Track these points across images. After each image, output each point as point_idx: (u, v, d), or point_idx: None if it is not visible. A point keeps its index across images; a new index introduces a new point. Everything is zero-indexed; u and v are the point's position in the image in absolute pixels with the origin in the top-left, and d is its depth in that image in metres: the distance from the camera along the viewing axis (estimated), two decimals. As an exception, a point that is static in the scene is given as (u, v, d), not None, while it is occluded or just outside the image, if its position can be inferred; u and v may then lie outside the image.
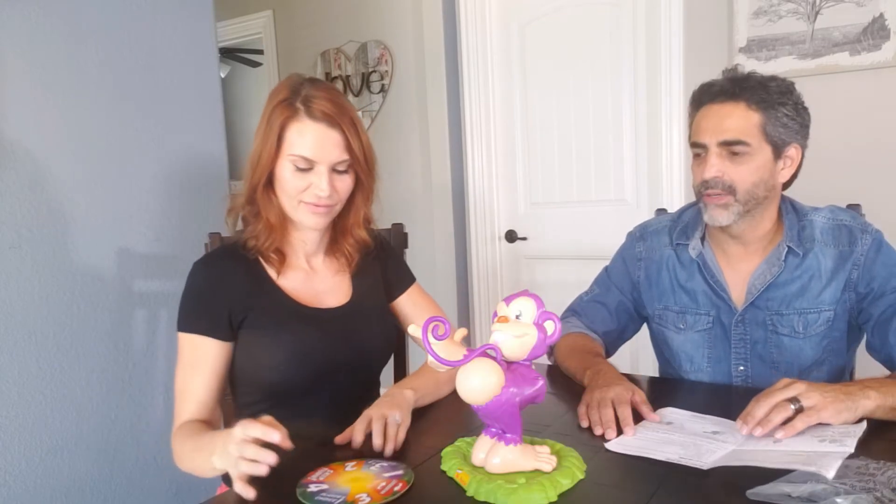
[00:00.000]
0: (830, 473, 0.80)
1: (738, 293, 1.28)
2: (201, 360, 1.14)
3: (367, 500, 0.84)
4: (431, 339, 0.83)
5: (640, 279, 1.40)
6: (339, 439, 1.04)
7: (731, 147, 1.17)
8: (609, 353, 1.42)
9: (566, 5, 2.65)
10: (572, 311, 1.47)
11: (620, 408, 1.05)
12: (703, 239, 1.32)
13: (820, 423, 0.96)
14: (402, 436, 1.03)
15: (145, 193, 1.66)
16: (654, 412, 1.08)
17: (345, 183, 1.15)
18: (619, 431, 1.02)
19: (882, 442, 0.94)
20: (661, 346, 1.41)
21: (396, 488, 0.87)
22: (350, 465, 0.94)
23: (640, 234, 1.44)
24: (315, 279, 1.23)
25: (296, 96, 1.10)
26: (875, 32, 2.04)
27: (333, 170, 1.12)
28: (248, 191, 1.16)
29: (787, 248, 1.24)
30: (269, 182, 1.15)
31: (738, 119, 1.16)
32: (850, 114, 2.10)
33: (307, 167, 1.11)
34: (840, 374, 1.29)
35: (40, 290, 1.45)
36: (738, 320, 1.28)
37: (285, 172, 1.12)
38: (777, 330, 1.25)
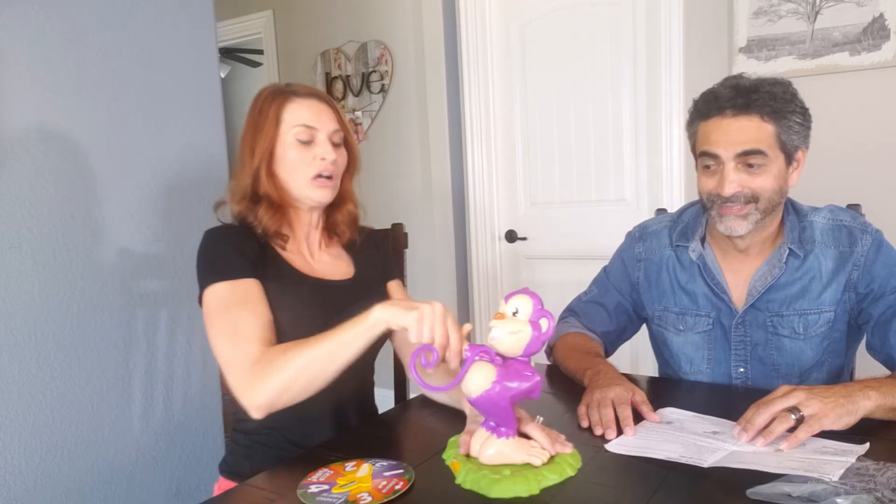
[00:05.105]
0: (834, 476, 0.80)
1: (738, 295, 1.28)
2: (247, 297, 1.10)
3: (369, 499, 0.84)
4: (418, 368, 0.84)
5: (639, 280, 1.40)
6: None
7: (748, 158, 1.15)
8: (608, 353, 1.42)
9: (566, 5, 2.65)
10: (571, 312, 1.47)
11: (621, 408, 1.05)
12: (703, 240, 1.31)
13: (821, 438, 0.95)
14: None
15: (145, 193, 1.66)
16: (655, 412, 1.08)
17: (342, 157, 1.23)
18: (620, 432, 1.02)
19: (882, 442, 0.94)
20: (660, 347, 1.41)
21: (397, 487, 0.87)
22: (350, 465, 0.94)
23: (639, 235, 1.43)
24: (314, 258, 1.26)
25: (280, 90, 1.21)
26: (875, 32, 2.04)
27: (331, 140, 1.20)
28: (249, 182, 1.19)
29: (788, 250, 1.24)
30: (269, 170, 1.19)
31: (754, 131, 1.15)
32: (849, 114, 2.10)
33: (309, 138, 1.18)
34: (839, 374, 1.29)
35: (40, 290, 1.45)
36: (738, 322, 1.28)
37: (290, 152, 1.18)
38: (777, 331, 1.25)
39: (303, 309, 1.14)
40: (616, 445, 0.98)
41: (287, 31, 3.52)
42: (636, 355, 2.38)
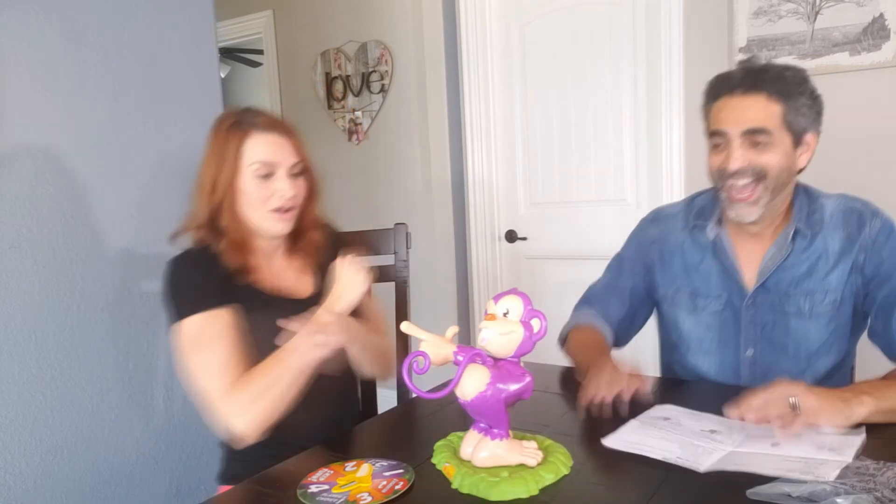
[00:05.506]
0: (830, 478, 0.81)
1: (749, 276, 1.29)
2: (221, 329, 1.15)
3: (369, 499, 0.84)
4: (412, 373, 0.84)
5: (654, 261, 1.41)
6: None
7: (754, 136, 1.17)
8: (621, 342, 1.43)
9: (566, 5, 2.65)
10: (585, 301, 1.48)
11: (614, 385, 1.10)
12: (719, 222, 1.33)
13: (819, 432, 0.97)
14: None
15: (145, 193, 1.66)
16: (652, 407, 1.09)
17: (300, 186, 1.25)
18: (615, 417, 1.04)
19: (882, 442, 0.94)
20: (669, 330, 1.42)
21: (397, 487, 0.87)
22: (350, 465, 0.95)
23: (652, 218, 1.45)
24: (278, 279, 1.28)
25: (241, 120, 1.22)
26: (875, 32, 2.04)
27: (290, 174, 1.22)
28: (209, 212, 1.21)
29: (794, 230, 1.25)
30: (230, 203, 1.20)
31: (760, 110, 1.17)
32: (849, 114, 2.10)
33: (268, 173, 1.20)
34: (844, 360, 1.30)
35: (40, 290, 1.45)
36: (748, 303, 1.29)
37: (249, 186, 1.19)
38: (785, 310, 1.26)
39: (270, 328, 1.15)
40: (613, 440, 0.98)
41: (287, 31, 3.52)
42: (636, 355, 2.38)
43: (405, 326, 0.89)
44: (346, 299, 1.18)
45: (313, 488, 0.88)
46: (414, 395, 0.96)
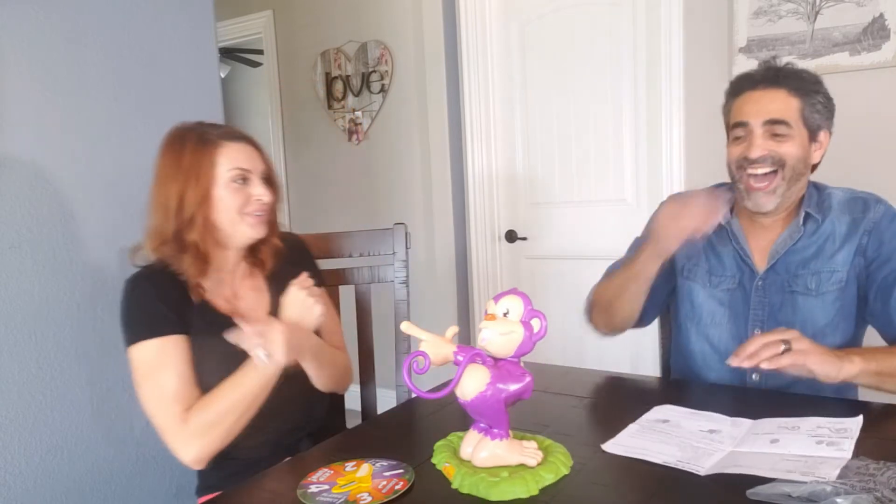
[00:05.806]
0: (831, 478, 0.81)
1: (760, 260, 1.34)
2: (174, 356, 1.15)
3: (369, 499, 0.84)
4: (412, 372, 0.85)
5: None
6: None
7: (775, 127, 1.24)
8: (643, 319, 1.45)
9: (566, 5, 2.65)
10: (607, 274, 1.51)
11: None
12: (731, 209, 1.38)
13: (816, 417, 1.00)
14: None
15: (146, 194, 1.66)
16: (650, 410, 1.09)
17: (270, 193, 1.26)
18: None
19: (882, 442, 0.94)
20: (683, 300, 1.44)
21: (397, 487, 0.87)
22: (350, 465, 0.95)
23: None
24: (237, 295, 1.28)
25: (206, 132, 1.23)
26: (875, 32, 2.04)
27: (262, 181, 1.24)
28: (175, 228, 1.20)
29: (804, 213, 1.30)
30: (203, 216, 1.20)
31: (781, 102, 1.25)
32: (849, 114, 2.08)
33: (244, 179, 1.21)
34: (851, 345, 1.31)
35: (40, 290, 1.45)
36: (758, 285, 1.33)
37: (225, 192, 1.20)
38: (793, 290, 1.30)
39: (224, 352, 1.14)
40: (612, 446, 0.98)
41: (287, 31, 3.53)
42: (636, 355, 2.38)
43: (405, 326, 0.89)
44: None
45: (313, 488, 0.88)
46: (414, 395, 0.96)
